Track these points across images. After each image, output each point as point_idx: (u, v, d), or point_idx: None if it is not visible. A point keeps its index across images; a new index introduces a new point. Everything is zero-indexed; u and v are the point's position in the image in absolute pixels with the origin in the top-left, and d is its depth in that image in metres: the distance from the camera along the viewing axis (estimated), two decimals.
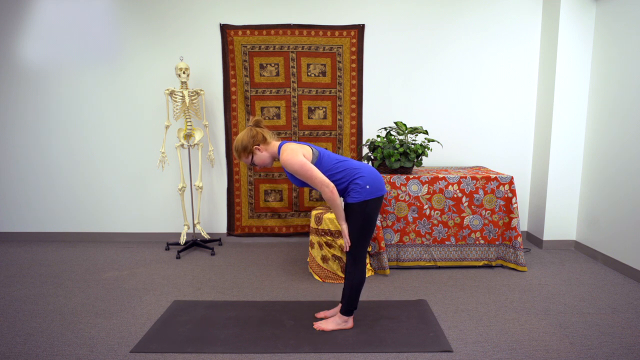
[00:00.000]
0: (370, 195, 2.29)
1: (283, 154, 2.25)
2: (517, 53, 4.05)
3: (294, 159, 2.22)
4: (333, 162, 2.33)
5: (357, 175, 2.30)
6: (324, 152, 2.37)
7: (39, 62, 4.08)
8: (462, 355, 2.21)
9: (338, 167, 2.32)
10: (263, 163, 2.36)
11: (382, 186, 2.36)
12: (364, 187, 2.28)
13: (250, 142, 2.29)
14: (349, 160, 2.38)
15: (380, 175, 2.42)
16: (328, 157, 2.35)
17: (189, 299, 2.91)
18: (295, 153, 2.23)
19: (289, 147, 2.27)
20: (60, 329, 2.48)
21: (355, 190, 2.29)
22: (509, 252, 3.41)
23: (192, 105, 3.77)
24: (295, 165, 2.21)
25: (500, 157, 4.20)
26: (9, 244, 4.20)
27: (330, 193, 2.24)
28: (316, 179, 2.23)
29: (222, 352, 2.23)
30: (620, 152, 3.38)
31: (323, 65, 4.03)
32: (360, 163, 2.40)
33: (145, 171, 4.21)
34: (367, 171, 2.34)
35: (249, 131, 2.32)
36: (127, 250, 4.01)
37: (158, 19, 4.00)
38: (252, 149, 2.31)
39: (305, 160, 2.23)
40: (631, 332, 2.44)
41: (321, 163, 2.31)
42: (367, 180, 2.30)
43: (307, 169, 2.22)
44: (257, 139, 2.31)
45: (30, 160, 4.22)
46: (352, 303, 2.41)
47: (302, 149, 2.27)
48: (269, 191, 4.19)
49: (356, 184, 2.29)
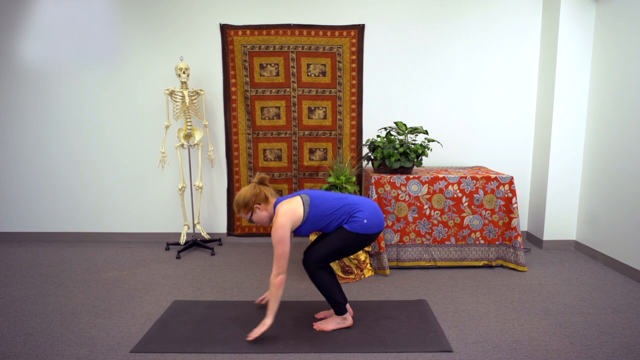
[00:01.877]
0: (366, 230, 2.32)
1: (276, 220, 2.26)
2: (517, 53, 4.05)
3: (278, 231, 2.23)
4: (330, 202, 2.34)
5: (356, 210, 2.33)
6: (318, 196, 2.36)
7: (39, 62, 4.08)
8: (462, 355, 2.21)
9: (336, 205, 2.34)
10: (261, 222, 2.38)
11: (381, 222, 2.39)
12: (362, 220, 2.31)
13: (251, 200, 2.31)
14: (348, 197, 2.39)
15: (380, 211, 2.43)
16: (323, 198, 2.35)
17: (189, 299, 2.92)
18: (283, 226, 2.23)
19: (279, 215, 2.26)
20: (60, 329, 2.48)
21: (353, 221, 2.32)
22: (509, 252, 3.41)
23: (192, 105, 3.77)
24: (276, 236, 2.23)
25: (500, 157, 4.20)
26: (9, 244, 4.20)
27: (279, 281, 2.24)
28: (280, 259, 2.23)
29: (222, 352, 2.23)
30: (620, 152, 3.38)
31: (323, 65, 4.03)
32: (361, 198, 2.41)
33: (145, 171, 4.21)
34: (368, 206, 2.37)
35: (252, 188, 2.33)
36: (127, 250, 4.01)
37: (158, 19, 4.00)
38: (253, 207, 2.32)
39: (285, 237, 2.23)
40: (631, 332, 2.44)
41: (317, 207, 2.31)
42: (367, 215, 2.33)
43: (281, 248, 2.22)
44: (259, 198, 2.32)
45: (30, 160, 4.22)
46: (336, 301, 2.41)
47: (293, 214, 2.27)
48: None
49: (355, 217, 2.31)
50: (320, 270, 2.36)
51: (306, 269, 2.37)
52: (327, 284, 2.37)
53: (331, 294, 2.38)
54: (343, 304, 2.43)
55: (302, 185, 4.19)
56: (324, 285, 2.37)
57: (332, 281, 2.39)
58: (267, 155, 4.14)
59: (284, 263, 2.24)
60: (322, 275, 2.36)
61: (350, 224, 2.32)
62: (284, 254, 2.23)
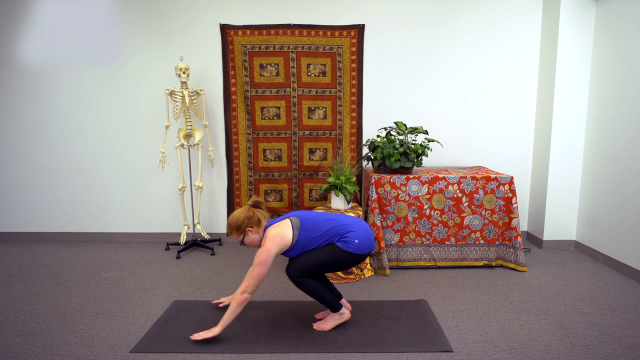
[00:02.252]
0: (357, 250, 2.33)
1: (263, 243, 2.27)
2: (517, 53, 4.05)
3: (263, 254, 2.23)
4: (320, 224, 2.34)
5: (347, 230, 2.34)
6: (308, 218, 2.35)
7: (39, 62, 4.08)
8: (462, 355, 2.21)
9: (326, 227, 2.34)
10: (253, 244, 2.39)
11: (371, 243, 2.40)
12: (353, 241, 2.32)
13: (244, 223, 2.31)
14: (339, 218, 2.39)
15: (371, 232, 2.44)
16: (313, 221, 2.35)
17: (189, 299, 2.91)
18: (269, 250, 2.24)
19: (267, 239, 2.26)
20: (60, 329, 2.48)
21: (344, 241, 2.33)
22: (509, 252, 3.41)
23: (192, 105, 3.77)
24: (259, 258, 2.23)
25: (500, 157, 4.20)
26: (9, 244, 4.20)
27: (243, 299, 2.24)
28: (254, 279, 2.23)
29: (222, 352, 2.23)
30: (620, 152, 3.38)
31: (323, 65, 4.03)
32: (352, 218, 2.41)
33: (145, 171, 4.21)
34: (359, 227, 2.38)
35: (245, 211, 2.33)
36: (127, 250, 4.01)
37: (158, 19, 4.00)
38: (245, 230, 2.32)
39: (267, 261, 2.23)
40: (631, 332, 2.44)
41: (307, 230, 2.32)
42: (358, 235, 2.34)
43: (259, 270, 2.23)
44: (252, 221, 2.32)
45: (31, 161, 4.22)
46: (328, 301, 2.40)
47: (281, 240, 2.27)
48: (269, 191, 4.19)
49: (346, 237, 2.33)
50: (304, 279, 2.35)
51: (290, 278, 2.36)
52: (314, 288, 2.36)
53: (321, 296, 2.38)
54: (336, 301, 2.43)
55: (302, 185, 4.19)
56: (311, 291, 2.37)
57: (318, 284, 2.38)
58: (267, 155, 4.14)
59: (255, 284, 2.24)
60: (306, 282, 2.36)
61: (342, 243, 2.33)
62: (260, 276, 2.24)
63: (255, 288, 2.26)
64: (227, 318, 2.28)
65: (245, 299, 2.26)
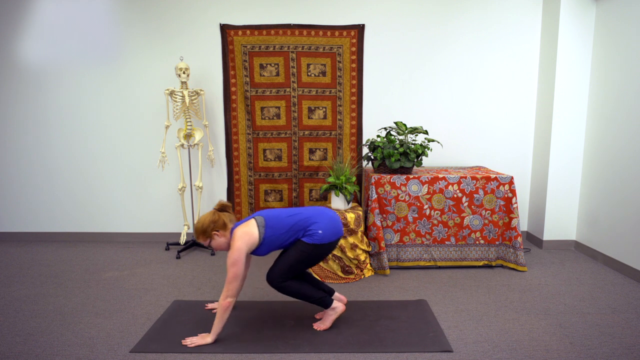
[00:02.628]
0: (323, 240, 2.34)
1: (232, 243, 2.27)
2: (517, 53, 4.05)
3: (234, 254, 2.24)
4: (284, 220, 2.35)
5: (310, 223, 2.35)
6: (272, 216, 2.36)
7: (39, 62, 4.08)
8: (462, 355, 2.21)
9: (290, 222, 2.35)
10: (220, 248, 2.39)
11: (338, 230, 2.40)
12: (317, 232, 2.33)
13: (210, 227, 2.32)
14: (302, 212, 2.39)
15: (337, 218, 2.44)
16: (277, 218, 2.36)
17: (189, 299, 2.92)
18: (239, 249, 2.24)
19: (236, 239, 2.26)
20: (60, 329, 2.48)
21: (308, 235, 2.34)
22: (509, 252, 3.41)
23: (192, 105, 3.77)
24: (231, 259, 2.23)
25: (500, 157, 4.20)
26: (9, 244, 4.20)
27: (227, 304, 2.26)
28: (232, 282, 2.24)
29: (222, 352, 2.23)
30: (620, 152, 3.38)
31: (323, 65, 4.03)
32: (316, 209, 2.41)
33: (145, 171, 4.21)
34: (322, 217, 2.38)
35: (211, 215, 2.34)
36: (127, 250, 4.01)
37: (158, 19, 4.00)
38: (211, 234, 2.33)
39: (239, 260, 2.23)
40: (631, 332, 2.44)
41: (272, 228, 2.32)
42: (321, 226, 2.35)
43: (234, 271, 2.23)
44: (218, 225, 2.33)
45: (31, 161, 4.22)
46: (317, 299, 2.40)
47: (249, 238, 2.27)
48: (269, 191, 4.20)
49: (310, 229, 2.34)
50: (284, 283, 2.36)
51: (272, 286, 2.37)
52: (296, 289, 2.37)
53: (306, 295, 2.38)
54: (325, 297, 2.43)
55: (302, 185, 4.19)
56: (295, 293, 2.37)
57: (301, 284, 2.39)
58: (267, 155, 4.14)
59: (234, 286, 2.24)
60: (289, 285, 2.36)
61: (307, 237, 2.33)
62: (236, 277, 2.24)
63: (236, 290, 2.26)
64: (217, 325, 2.30)
65: (230, 303, 2.26)
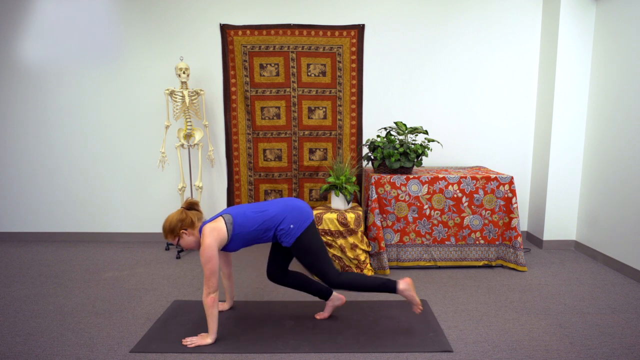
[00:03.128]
0: (299, 231, 2.35)
1: (203, 241, 2.25)
2: (517, 53, 4.05)
3: (206, 251, 2.23)
4: (252, 219, 2.34)
5: (276, 224, 2.35)
6: (240, 213, 2.35)
7: (39, 62, 4.08)
8: (462, 355, 2.21)
9: (257, 221, 2.34)
10: (189, 246, 2.39)
11: (306, 216, 2.39)
12: (289, 227, 2.34)
13: (177, 226, 2.31)
14: (267, 210, 2.38)
15: (301, 204, 2.44)
16: (245, 216, 2.35)
17: (189, 299, 2.92)
18: (210, 246, 2.23)
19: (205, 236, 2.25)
20: (60, 329, 2.48)
21: (282, 234, 2.34)
22: (509, 252, 3.41)
23: (192, 105, 3.77)
24: (204, 256, 2.23)
25: (500, 157, 4.20)
26: (9, 244, 4.20)
27: (210, 300, 2.25)
28: (210, 278, 2.24)
29: (222, 352, 2.23)
30: (620, 152, 3.38)
31: (323, 65, 4.03)
32: (276, 205, 2.40)
33: (145, 171, 4.21)
34: (283, 210, 2.37)
35: (179, 214, 2.33)
36: (127, 250, 4.01)
37: (158, 19, 4.00)
38: (179, 233, 2.32)
39: (212, 257, 2.23)
40: (631, 332, 2.44)
41: (241, 225, 2.32)
42: (289, 221, 2.35)
43: (209, 267, 2.23)
44: (185, 223, 2.32)
45: (31, 160, 4.22)
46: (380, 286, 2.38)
47: (218, 234, 2.26)
48: (269, 191, 4.20)
49: (281, 230, 2.34)
50: (340, 278, 2.38)
51: (334, 287, 2.40)
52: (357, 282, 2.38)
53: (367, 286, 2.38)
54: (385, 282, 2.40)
55: (302, 185, 4.19)
56: (357, 284, 2.38)
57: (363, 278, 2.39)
58: (267, 155, 4.14)
59: (214, 282, 2.24)
60: (350, 278, 2.38)
61: (285, 239, 2.35)
62: (213, 273, 2.23)
63: (216, 285, 2.25)
64: (211, 324, 2.30)
65: (213, 299, 2.26)
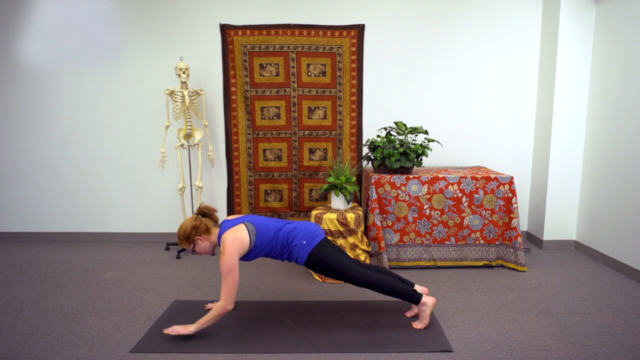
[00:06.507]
0: (310, 247, 2.37)
1: (223, 250, 2.25)
2: (517, 53, 4.05)
3: (228, 261, 2.22)
4: (270, 230, 2.38)
5: (291, 238, 2.38)
6: (262, 224, 2.37)
7: (39, 62, 4.08)
8: (462, 355, 2.21)
9: (274, 233, 2.38)
10: (204, 252, 2.41)
11: (317, 233, 2.43)
12: (301, 243, 2.36)
13: (192, 233, 2.33)
14: (282, 228, 2.41)
15: (313, 225, 2.48)
16: (267, 227, 2.38)
17: (189, 299, 2.92)
18: (232, 255, 2.23)
19: (227, 245, 2.24)
20: (60, 329, 2.48)
21: (296, 251, 2.37)
22: (509, 252, 3.41)
23: (192, 105, 3.77)
24: (226, 266, 2.22)
25: (500, 157, 4.20)
26: (9, 244, 4.20)
27: (223, 311, 2.26)
28: (231, 289, 2.24)
29: (222, 352, 2.23)
30: (620, 152, 3.38)
31: (323, 65, 4.03)
32: (293, 223, 2.46)
33: (145, 171, 4.21)
34: (300, 228, 2.42)
35: (192, 220, 2.35)
36: (127, 250, 4.01)
37: (158, 19, 4.00)
38: (194, 240, 2.34)
39: (235, 266, 2.24)
40: (631, 332, 2.44)
41: (263, 237, 2.35)
42: (302, 237, 2.38)
43: (232, 277, 2.23)
44: (200, 230, 2.34)
45: (31, 160, 4.22)
46: (405, 295, 2.39)
47: (240, 244, 2.27)
48: (269, 191, 4.20)
49: (294, 246, 2.37)
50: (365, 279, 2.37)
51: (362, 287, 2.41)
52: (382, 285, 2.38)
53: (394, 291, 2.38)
54: (413, 293, 2.41)
55: (302, 185, 4.19)
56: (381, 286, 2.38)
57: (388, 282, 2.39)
58: (267, 155, 4.14)
59: (234, 293, 2.25)
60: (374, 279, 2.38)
61: (298, 254, 2.37)
62: (235, 284, 2.24)
63: (234, 297, 2.27)
64: (206, 323, 2.30)
65: (227, 310, 2.27)
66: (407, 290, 2.40)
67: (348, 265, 2.39)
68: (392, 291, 2.39)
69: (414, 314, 2.61)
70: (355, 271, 2.39)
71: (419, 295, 2.43)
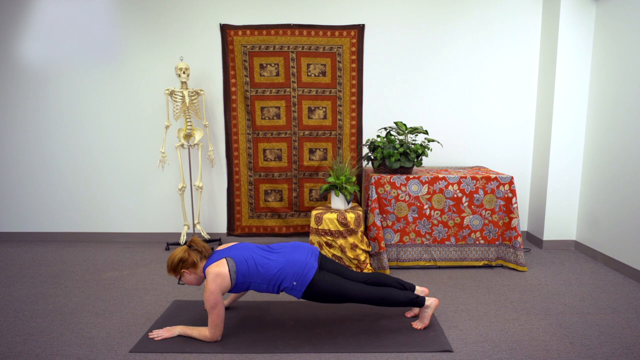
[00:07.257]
0: (303, 286, 2.31)
1: (207, 285, 2.25)
2: (517, 53, 4.05)
3: (210, 298, 2.24)
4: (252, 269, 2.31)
5: (279, 281, 2.32)
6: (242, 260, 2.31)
7: (39, 62, 4.08)
8: (462, 355, 2.21)
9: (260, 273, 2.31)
10: (191, 284, 2.42)
11: (306, 270, 2.31)
12: (292, 285, 2.32)
13: (179, 265, 2.34)
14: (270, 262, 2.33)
15: (302, 258, 2.35)
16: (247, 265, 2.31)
17: (189, 299, 2.92)
18: (214, 292, 2.24)
19: (209, 281, 2.24)
20: (60, 329, 2.48)
21: (288, 292, 2.35)
22: (509, 252, 3.41)
23: (192, 105, 3.77)
24: (209, 302, 2.24)
25: (500, 157, 4.20)
26: (9, 244, 4.20)
27: (208, 340, 2.31)
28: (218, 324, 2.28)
29: (222, 352, 2.23)
30: (621, 152, 3.38)
31: (323, 65, 4.03)
32: (281, 256, 2.36)
33: (145, 171, 4.21)
34: (288, 267, 2.32)
35: (182, 252, 2.35)
36: (127, 250, 4.01)
37: (158, 19, 4.00)
38: (181, 272, 2.36)
39: (218, 302, 2.25)
40: (631, 332, 2.44)
41: (245, 276, 2.30)
42: (291, 279, 2.31)
43: (216, 313, 2.27)
44: (187, 264, 2.35)
45: (31, 160, 4.22)
46: (407, 303, 2.39)
47: (222, 281, 2.25)
48: (269, 191, 4.19)
49: (285, 288, 2.33)
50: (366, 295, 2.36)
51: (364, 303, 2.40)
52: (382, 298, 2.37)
53: (395, 300, 2.38)
54: (415, 299, 2.41)
55: (302, 185, 4.18)
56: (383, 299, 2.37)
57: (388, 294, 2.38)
58: (267, 155, 4.14)
59: (220, 328, 2.30)
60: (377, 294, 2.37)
61: (293, 294, 2.34)
62: (220, 318, 2.28)
63: (221, 330, 2.31)
64: (191, 333, 2.35)
65: (211, 341, 2.32)
66: (409, 299, 2.40)
67: (345, 289, 2.34)
68: (394, 302, 2.38)
69: (414, 314, 2.61)
70: (353, 293, 2.34)
71: (422, 298, 2.43)
